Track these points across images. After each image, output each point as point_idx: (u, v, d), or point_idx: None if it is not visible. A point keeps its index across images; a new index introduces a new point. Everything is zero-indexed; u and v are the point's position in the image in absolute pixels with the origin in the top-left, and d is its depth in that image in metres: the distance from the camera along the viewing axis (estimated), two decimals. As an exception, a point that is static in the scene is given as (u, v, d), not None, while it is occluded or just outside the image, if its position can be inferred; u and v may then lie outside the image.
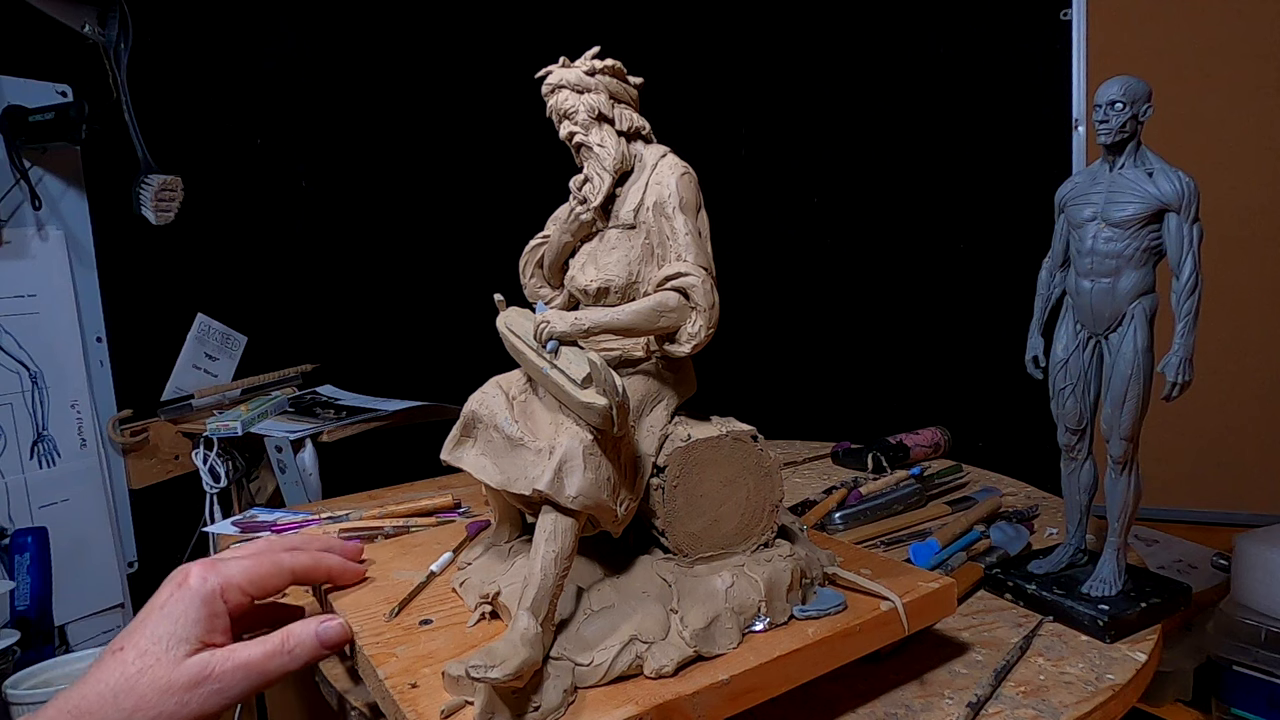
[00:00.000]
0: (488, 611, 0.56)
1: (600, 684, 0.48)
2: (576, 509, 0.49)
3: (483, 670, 0.42)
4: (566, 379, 0.51)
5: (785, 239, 1.88)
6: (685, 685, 0.48)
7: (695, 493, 0.56)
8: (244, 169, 1.63)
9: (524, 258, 0.64)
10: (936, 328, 1.75)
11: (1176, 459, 1.45)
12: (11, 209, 1.30)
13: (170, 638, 0.47)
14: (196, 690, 0.46)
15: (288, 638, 0.50)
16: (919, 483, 1.02)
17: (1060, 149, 1.57)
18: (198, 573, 0.49)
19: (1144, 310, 0.69)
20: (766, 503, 0.59)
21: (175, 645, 0.46)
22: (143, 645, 0.46)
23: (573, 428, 0.51)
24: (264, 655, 0.49)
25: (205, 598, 0.48)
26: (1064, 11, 1.54)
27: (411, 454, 1.15)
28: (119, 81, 1.37)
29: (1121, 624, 0.68)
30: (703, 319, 0.54)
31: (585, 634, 0.50)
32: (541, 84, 0.59)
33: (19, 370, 1.31)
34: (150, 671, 0.45)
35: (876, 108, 1.76)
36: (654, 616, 0.51)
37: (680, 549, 0.56)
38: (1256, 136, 1.42)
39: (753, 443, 0.58)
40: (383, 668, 0.50)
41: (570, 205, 0.59)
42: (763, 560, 0.57)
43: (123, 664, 0.46)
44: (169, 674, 0.46)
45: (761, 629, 0.54)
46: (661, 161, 0.59)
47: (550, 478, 0.48)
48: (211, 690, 0.46)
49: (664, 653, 0.49)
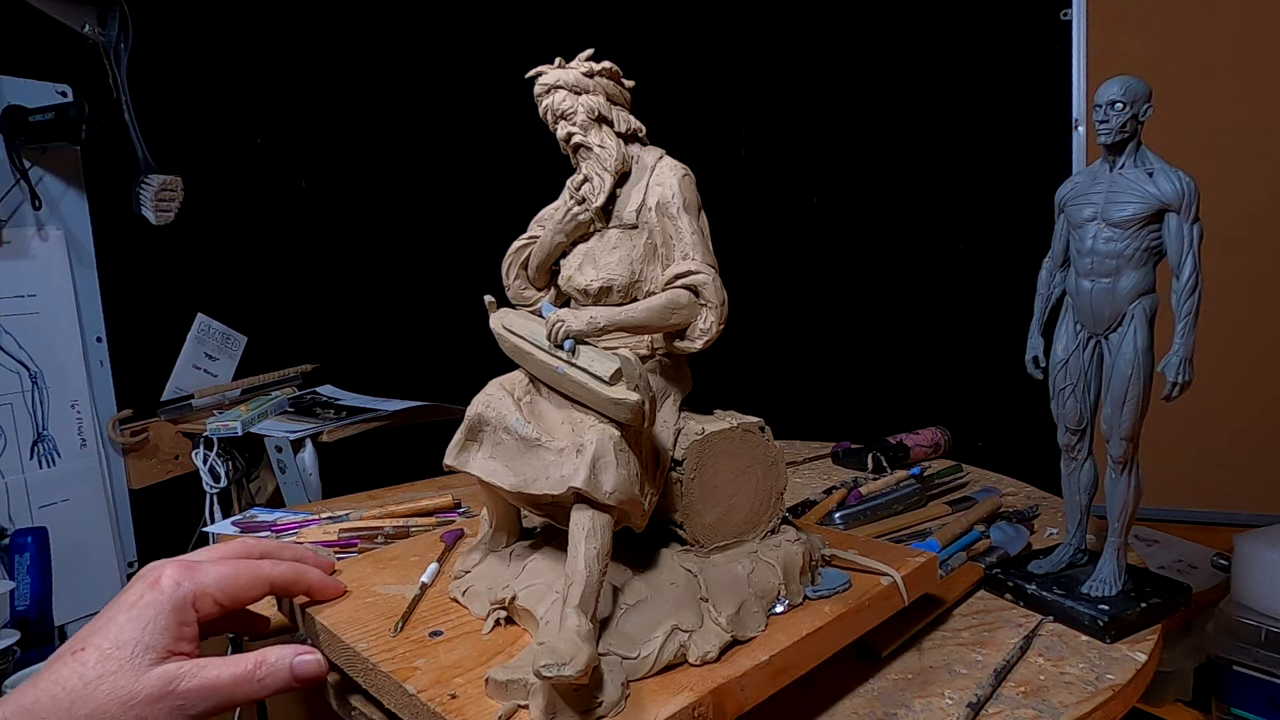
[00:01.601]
0: (502, 617, 0.55)
1: (649, 675, 0.49)
2: (613, 504, 0.50)
3: (555, 669, 0.42)
4: (590, 376, 0.52)
5: (785, 239, 1.88)
6: (730, 669, 0.50)
7: (710, 484, 0.58)
8: (244, 169, 1.63)
9: (508, 259, 0.63)
10: (936, 328, 1.75)
11: (1176, 459, 1.45)
12: (11, 209, 1.30)
13: (136, 644, 0.44)
14: (158, 705, 0.44)
15: (260, 665, 0.47)
16: (919, 483, 1.02)
17: (1060, 149, 1.57)
18: (171, 576, 0.47)
19: (1144, 310, 0.69)
20: (773, 491, 0.62)
21: (141, 653, 0.44)
22: (106, 649, 0.44)
23: (598, 424, 0.51)
24: (232, 680, 0.46)
25: (177, 604, 0.46)
26: (1064, 11, 1.53)
27: (411, 454, 1.16)
28: (119, 81, 1.37)
29: (1121, 624, 0.68)
30: (714, 315, 0.55)
31: (626, 629, 0.50)
32: (533, 84, 0.59)
33: (19, 370, 1.31)
34: (111, 679, 0.43)
35: (876, 108, 1.76)
36: (688, 606, 0.53)
37: (697, 540, 0.58)
38: (1256, 136, 1.42)
39: (760, 434, 0.61)
40: (409, 683, 0.48)
41: (565, 205, 0.59)
42: (774, 546, 0.60)
43: (82, 666, 0.43)
44: (131, 684, 0.43)
45: (782, 610, 0.57)
46: (661, 163, 0.59)
47: (586, 474, 0.49)
48: (173, 706, 0.44)
49: (705, 640, 0.51)
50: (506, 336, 0.59)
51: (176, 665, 0.45)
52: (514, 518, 0.62)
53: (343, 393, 1.61)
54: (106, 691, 0.43)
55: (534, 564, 0.58)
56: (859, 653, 0.65)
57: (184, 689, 0.44)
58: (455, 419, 0.58)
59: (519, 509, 0.61)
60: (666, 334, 0.57)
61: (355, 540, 0.90)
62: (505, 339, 0.59)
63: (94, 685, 0.43)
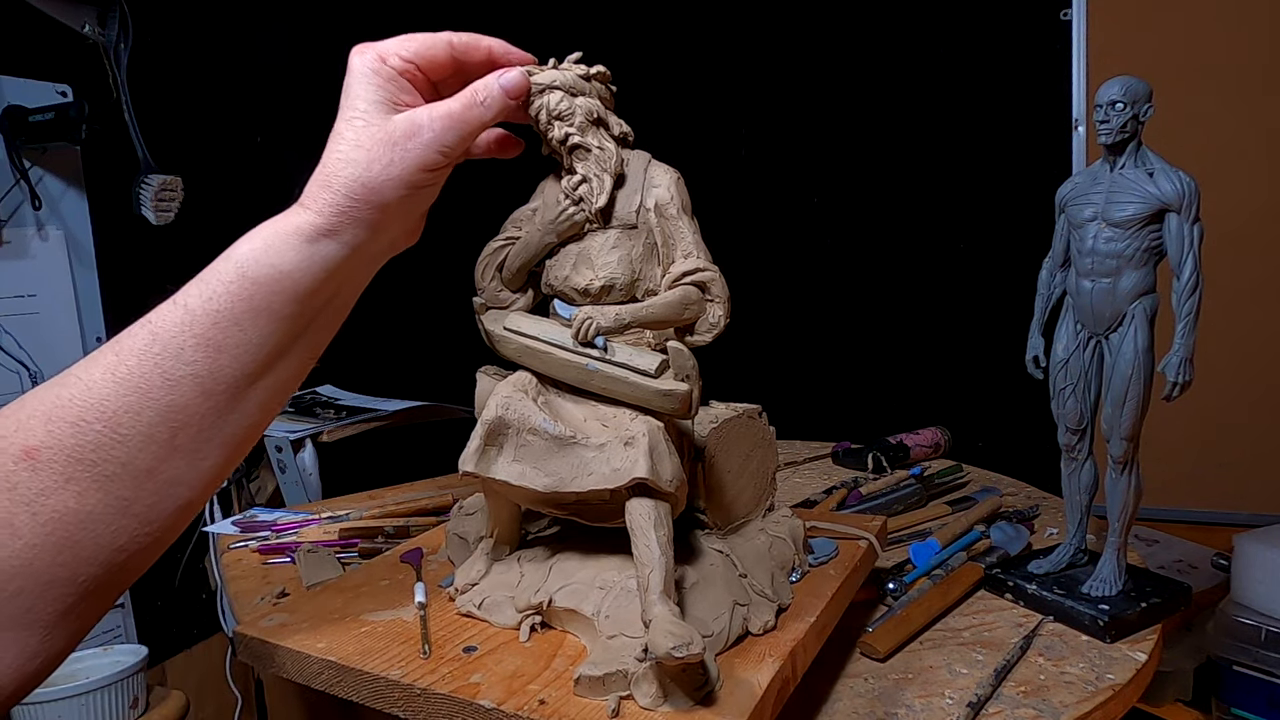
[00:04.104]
0: (537, 623, 0.55)
1: (723, 650, 0.51)
2: (673, 490, 0.51)
3: (684, 650, 0.43)
4: (629, 370, 0.53)
5: (785, 239, 1.88)
6: (789, 634, 0.54)
7: (724, 469, 0.61)
8: (244, 169, 1.63)
9: (484, 261, 0.63)
10: (936, 328, 1.75)
11: (1176, 459, 1.45)
12: (11, 209, 1.30)
13: (366, 103, 0.47)
14: (414, 140, 0.47)
15: (477, 91, 0.50)
16: (919, 483, 1.02)
17: (1060, 149, 1.57)
18: (352, 59, 0.49)
19: (1144, 310, 0.69)
20: (770, 471, 0.67)
21: (374, 108, 0.47)
22: (348, 117, 0.47)
23: (641, 416, 0.53)
24: (463, 108, 0.49)
25: (373, 68, 0.48)
26: (1064, 11, 1.54)
27: (411, 454, 1.16)
28: (119, 81, 1.37)
29: (1121, 624, 0.68)
30: (721, 309, 0.57)
31: (695, 611, 0.52)
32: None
33: (19, 370, 1.31)
34: (368, 128, 0.47)
35: (876, 108, 1.76)
36: (735, 583, 0.56)
37: (716, 522, 0.61)
38: (1256, 136, 1.42)
39: (760, 419, 0.66)
40: (483, 699, 0.47)
41: (559, 206, 0.59)
42: (776, 522, 0.65)
43: (345, 130, 0.47)
44: (383, 126, 0.47)
45: (797, 579, 0.61)
46: (652, 165, 0.60)
47: (649, 464, 0.50)
48: (428, 139, 0.47)
49: (760, 612, 0.55)
50: (512, 338, 0.58)
51: (411, 111, 0.48)
52: (518, 527, 0.61)
53: (343, 393, 1.61)
54: (369, 136, 0.46)
55: (562, 565, 0.57)
56: (859, 652, 0.66)
57: (428, 121, 0.47)
58: (455, 419, 0.57)
59: (521, 518, 0.61)
60: (676, 329, 0.58)
61: (355, 540, 0.90)
62: (511, 340, 0.58)
63: (360, 133, 0.47)
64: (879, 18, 1.73)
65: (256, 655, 0.57)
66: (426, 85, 0.52)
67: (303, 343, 0.47)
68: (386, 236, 0.49)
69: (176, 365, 0.42)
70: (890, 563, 0.79)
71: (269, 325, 0.45)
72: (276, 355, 0.46)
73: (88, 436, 0.40)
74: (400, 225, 0.50)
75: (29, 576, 0.40)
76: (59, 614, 0.41)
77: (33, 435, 0.40)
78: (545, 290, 0.62)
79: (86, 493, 0.40)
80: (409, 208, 0.48)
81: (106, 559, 0.42)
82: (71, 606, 0.41)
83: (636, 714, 0.45)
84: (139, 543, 0.43)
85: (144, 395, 0.41)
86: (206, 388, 0.43)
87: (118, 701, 1.12)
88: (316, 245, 0.46)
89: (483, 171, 0.64)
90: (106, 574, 0.42)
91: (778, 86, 1.84)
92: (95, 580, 0.42)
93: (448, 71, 0.52)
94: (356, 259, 0.47)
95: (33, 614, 0.40)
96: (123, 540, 0.42)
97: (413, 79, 0.50)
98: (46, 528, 0.40)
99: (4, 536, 0.39)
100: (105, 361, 0.42)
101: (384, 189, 0.46)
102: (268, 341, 0.45)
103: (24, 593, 0.40)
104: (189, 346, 0.43)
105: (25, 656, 0.41)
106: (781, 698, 0.50)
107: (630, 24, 1.83)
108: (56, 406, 0.41)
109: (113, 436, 0.41)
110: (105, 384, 0.41)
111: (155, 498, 0.43)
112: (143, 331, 0.43)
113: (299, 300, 0.45)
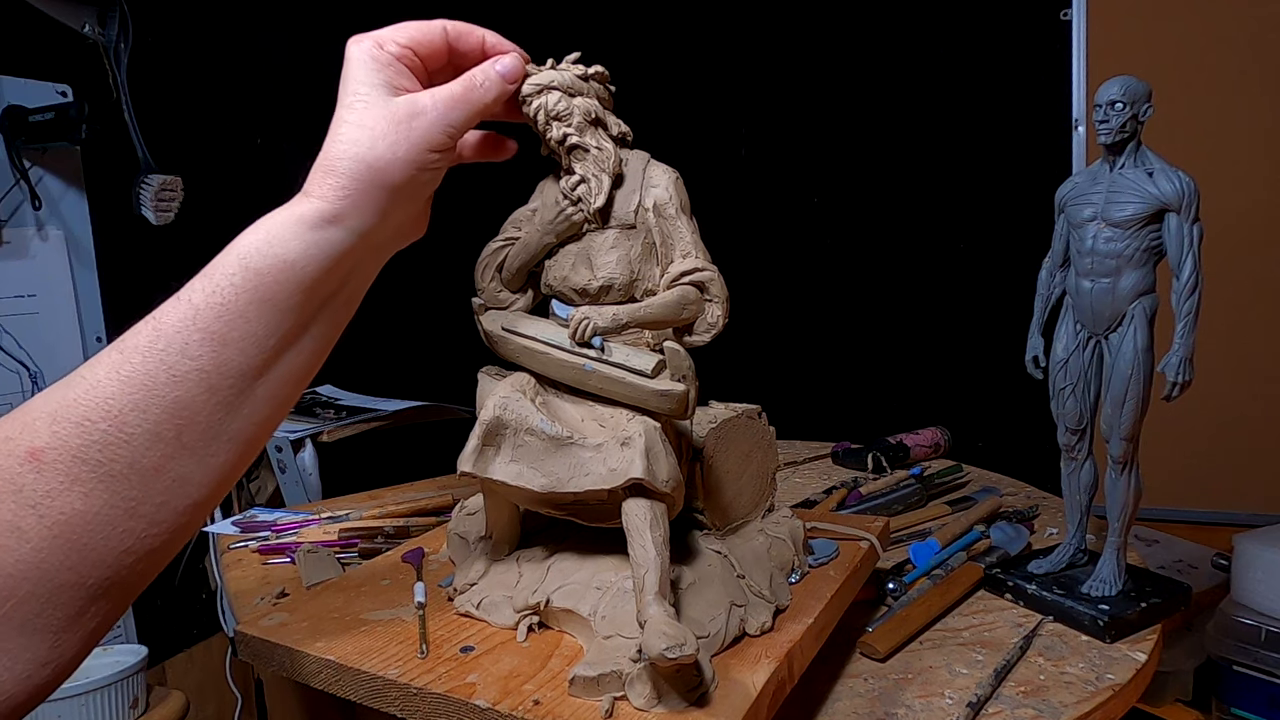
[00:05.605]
0: (535, 623, 0.55)
1: (719, 651, 0.51)
2: (669, 491, 0.51)
3: (677, 650, 0.43)
4: (627, 371, 0.53)
5: (785, 239, 1.88)
6: (787, 635, 0.53)
7: (723, 469, 0.61)
8: (244, 169, 1.63)
9: (483, 262, 0.63)
10: (936, 328, 1.75)
11: (1176, 459, 1.45)
12: (11, 209, 1.30)
13: (367, 86, 0.47)
14: (418, 119, 0.47)
15: (474, 76, 0.51)
16: (919, 483, 1.02)
17: (1060, 149, 1.57)
18: (349, 48, 0.49)
19: (1144, 310, 0.69)
20: (770, 471, 0.66)
21: (375, 90, 0.47)
22: (348, 102, 0.47)
23: (638, 416, 0.53)
24: (464, 89, 0.49)
25: (371, 54, 0.48)
26: (1064, 11, 1.54)
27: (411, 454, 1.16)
28: (119, 81, 1.37)
29: (1121, 624, 0.68)
30: (720, 309, 0.57)
31: (691, 612, 0.52)
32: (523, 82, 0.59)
33: (19, 370, 1.31)
34: (370, 109, 0.46)
35: (876, 108, 1.76)
36: (732, 584, 0.56)
37: (715, 523, 0.60)
38: (1256, 136, 1.42)
39: (759, 419, 0.65)
40: (478, 699, 0.47)
41: (558, 206, 0.59)
42: (776, 522, 0.64)
43: (347, 114, 0.47)
44: (386, 106, 0.47)
45: (796, 580, 0.61)
46: (651, 165, 0.60)
47: (644, 465, 0.50)
48: (432, 118, 0.47)
49: (758, 613, 0.54)
50: (510, 339, 0.58)
51: (411, 94, 0.48)
52: (517, 527, 0.62)
53: (343, 393, 1.61)
54: (375, 114, 0.46)
55: (559, 565, 0.57)
56: (859, 652, 0.66)
57: (431, 102, 0.48)
58: (455, 419, 0.57)
59: (521, 518, 0.61)
60: (674, 330, 0.58)
61: (355, 540, 0.90)
62: (509, 341, 0.59)
63: (364, 112, 0.46)
64: (879, 18, 1.73)
65: (256, 655, 0.57)
66: (423, 73, 0.51)
67: (310, 335, 0.47)
68: (393, 223, 0.48)
69: (181, 360, 0.42)
70: (890, 563, 0.79)
71: (275, 317, 0.44)
72: (283, 348, 0.45)
73: (93, 436, 0.40)
74: (405, 211, 0.49)
75: (37, 580, 0.39)
76: (68, 619, 0.41)
77: (38, 436, 0.40)
78: (544, 290, 0.62)
79: (93, 493, 0.40)
80: (413, 192, 0.48)
81: (115, 561, 0.41)
82: (81, 610, 0.41)
83: (630, 715, 0.45)
84: (148, 544, 0.42)
85: (149, 392, 0.41)
86: (212, 383, 0.43)
87: (118, 701, 1.12)
88: (321, 232, 0.45)
89: (482, 172, 0.64)
90: (115, 576, 0.42)
91: (777, 86, 1.84)
92: (104, 583, 0.41)
93: (443, 59, 0.52)
94: (363, 246, 0.47)
95: (41, 619, 0.40)
96: (131, 541, 0.42)
97: (410, 65, 0.50)
98: (53, 530, 0.39)
99: (11, 540, 0.38)
100: (110, 360, 0.42)
101: (390, 169, 0.46)
102: (274, 334, 0.44)
103: (32, 597, 0.39)
104: (194, 341, 0.42)
105: (36, 664, 0.40)
106: (777, 699, 0.50)
107: (630, 24, 1.83)
108: (62, 407, 0.40)
109: (119, 435, 0.40)
110: (110, 382, 0.41)
111: (163, 497, 0.42)
112: (147, 329, 0.43)
113: (305, 290, 0.45)
